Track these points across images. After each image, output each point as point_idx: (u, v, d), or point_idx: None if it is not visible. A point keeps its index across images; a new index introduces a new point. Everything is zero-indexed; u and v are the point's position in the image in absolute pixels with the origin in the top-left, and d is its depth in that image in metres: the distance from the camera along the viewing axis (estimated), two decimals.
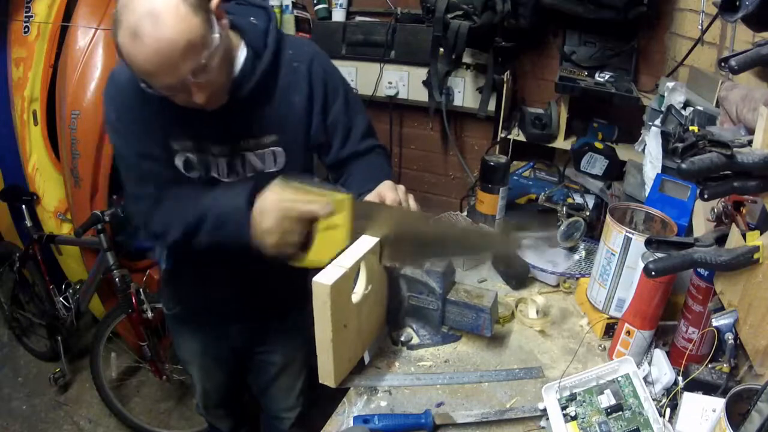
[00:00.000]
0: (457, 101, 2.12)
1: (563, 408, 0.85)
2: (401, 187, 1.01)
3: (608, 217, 1.07)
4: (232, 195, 0.99)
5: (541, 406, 0.88)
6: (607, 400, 0.85)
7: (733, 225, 0.84)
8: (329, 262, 0.80)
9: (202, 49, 0.89)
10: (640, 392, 0.83)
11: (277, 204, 0.92)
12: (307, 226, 0.87)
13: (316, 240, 0.82)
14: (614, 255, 1.06)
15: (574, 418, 0.84)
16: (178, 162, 1.08)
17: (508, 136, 2.01)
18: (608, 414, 0.83)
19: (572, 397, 0.87)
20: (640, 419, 0.80)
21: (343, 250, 0.81)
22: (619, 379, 0.87)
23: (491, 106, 2.05)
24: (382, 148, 1.25)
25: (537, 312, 1.14)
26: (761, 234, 0.76)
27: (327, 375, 0.91)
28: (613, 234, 1.05)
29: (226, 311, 1.32)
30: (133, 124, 1.05)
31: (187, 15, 0.86)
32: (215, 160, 1.09)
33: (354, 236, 0.81)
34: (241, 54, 1.04)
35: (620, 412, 0.82)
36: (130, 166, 1.08)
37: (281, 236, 0.90)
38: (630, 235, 1.02)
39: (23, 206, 2.33)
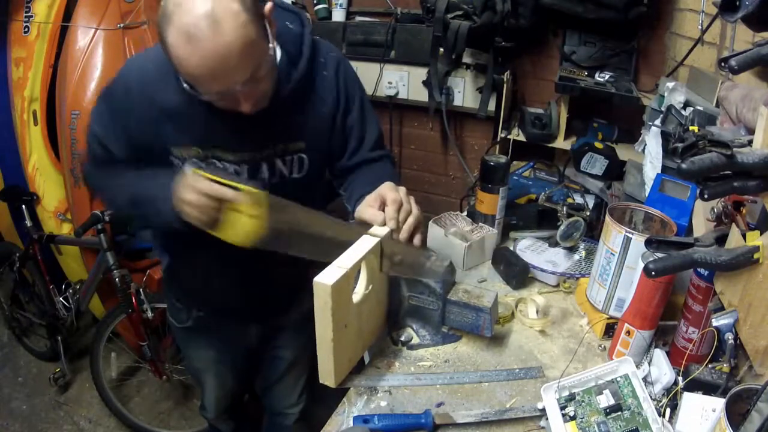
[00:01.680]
0: (457, 101, 2.12)
1: (562, 408, 0.85)
2: (402, 189, 1.01)
3: (608, 217, 1.07)
4: (157, 176, 1.01)
5: (540, 405, 0.88)
6: (606, 400, 0.85)
7: (733, 225, 0.84)
8: (243, 243, 0.86)
9: (256, 58, 0.87)
10: (639, 392, 0.83)
11: (196, 182, 0.90)
12: (221, 206, 0.89)
13: (231, 221, 0.87)
14: (614, 255, 1.06)
15: (573, 418, 0.84)
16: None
17: (508, 136, 2.01)
18: (607, 414, 0.83)
19: (571, 397, 0.87)
20: (639, 419, 0.80)
21: (259, 236, 0.86)
22: (618, 379, 0.87)
23: (491, 106, 2.05)
24: (389, 157, 1.25)
25: (537, 312, 1.15)
26: (761, 234, 0.76)
27: (327, 375, 0.91)
28: (613, 234, 1.05)
29: (242, 312, 1.32)
30: (124, 129, 1.08)
31: (246, 22, 0.83)
32: (238, 167, 1.06)
33: (270, 226, 0.86)
34: (276, 58, 1.01)
35: (619, 412, 0.82)
36: (92, 144, 1.16)
37: (197, 209, 0.90)
38: (630, 235, 1.02)
39: (23, 206, 2.33)
